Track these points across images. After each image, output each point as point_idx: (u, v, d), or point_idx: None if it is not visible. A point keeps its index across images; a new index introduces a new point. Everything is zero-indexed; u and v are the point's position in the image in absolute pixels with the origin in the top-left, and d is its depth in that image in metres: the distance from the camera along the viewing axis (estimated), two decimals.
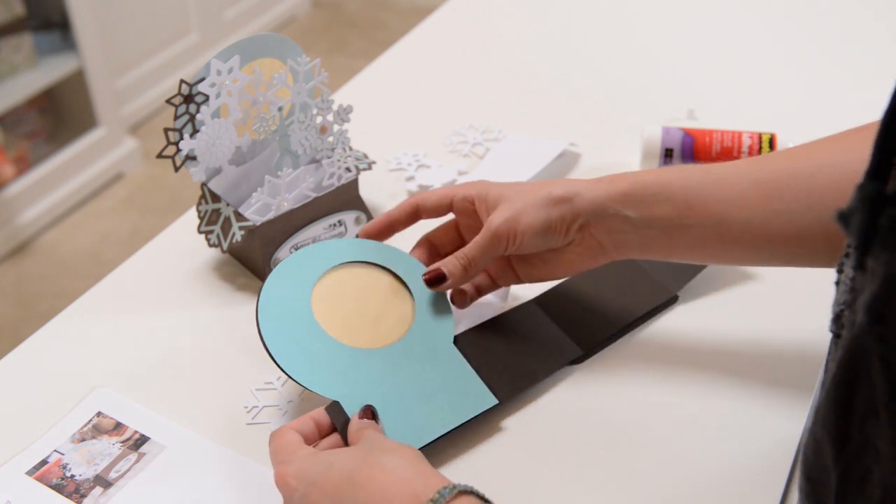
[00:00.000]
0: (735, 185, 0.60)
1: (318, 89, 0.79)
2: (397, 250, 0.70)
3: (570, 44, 1.18)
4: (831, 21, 1.21)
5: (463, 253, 0.66)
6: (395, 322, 0.66)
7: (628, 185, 0.62)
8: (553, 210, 0.64)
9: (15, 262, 2.09)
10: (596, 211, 0.63)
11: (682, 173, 0.62)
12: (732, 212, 0.60)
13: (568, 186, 0.64)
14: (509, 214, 0.64)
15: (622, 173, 0.64)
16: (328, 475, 0.52)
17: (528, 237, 0.64)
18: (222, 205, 0.76)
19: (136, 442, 0.64)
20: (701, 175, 0.61)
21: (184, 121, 0.73)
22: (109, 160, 2.30)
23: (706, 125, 0.93)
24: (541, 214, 0.64)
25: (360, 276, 0.68)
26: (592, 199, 0.63)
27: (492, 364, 0.66)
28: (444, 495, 0.48)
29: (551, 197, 0.64)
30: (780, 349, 0.71)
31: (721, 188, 0.60)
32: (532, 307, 0.72)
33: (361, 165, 0.81)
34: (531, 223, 0.64)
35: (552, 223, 0.64)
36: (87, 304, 0.78)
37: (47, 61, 2.15)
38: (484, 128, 1.00)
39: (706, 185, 0.61)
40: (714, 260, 0.64)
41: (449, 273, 0.66)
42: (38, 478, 0.62)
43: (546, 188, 0.65)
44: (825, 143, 0.61)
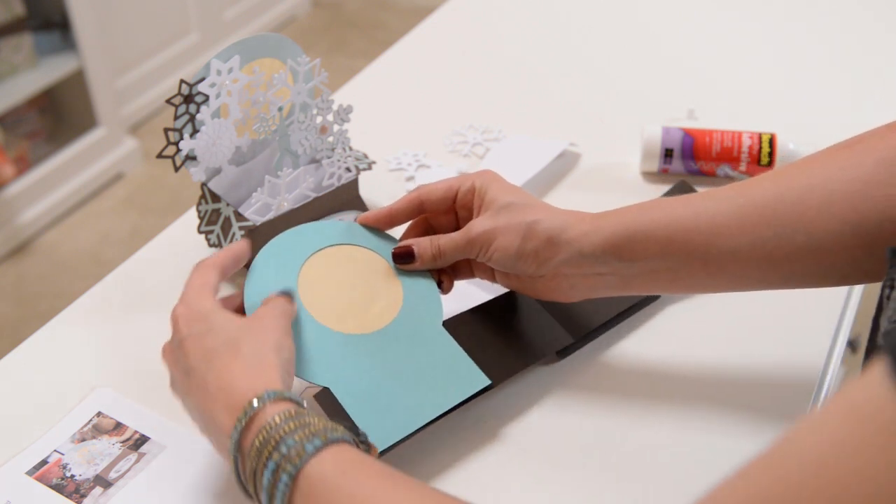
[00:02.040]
0: (718, 214, 0.59)
1: (318, 89, 0.79)
2: (386, 234, 0.69)
3: (570, 44, 1.18)
4: (831, 21, 1.22)
5: (437, 242, 0.66)
6: (383, 306, 0.65)
7: (609, 234, 0.61)
8: (529, 243, 0.62)
9: (15, 262, 2.09)
10: (573, 256, 0.62)
11: (665, 209, 0.61)
12: (717, 242, 0.59)
13: (555, 225, 0.62)
14: (489, 227, 0.63)
15: (608, 213, 0.63)
16: (202, 337, 0.55)
17: (498, 256, 0.64)
18: (222, 205, 0.76)
19: (136, 442, 0.64)
20: (682, 209, 0.60)
21: (184, 121, 0.73)
22: (109, 160, 2.30)
23: (706, 125, 0.93)
24: (515, 242, 0.63)
25: (348, 259, 0.67)
26: (573, 246, 0.62)
27: (483, 347, 0.65)
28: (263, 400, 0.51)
29: (534, 230, 0.62)
30: (776, 360, 0.71)
31: (704, 220, 0.59)
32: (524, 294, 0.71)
33: (361, 165, 0.81)
34: (504, 246, 0.63)
35: (525, 254, 0.63)
36: (87, 304, 0.78)
37: (47, 61, 2.15)
38: (484, 128, 1.00)
39: (687, 219, 0.60)
40: (702, 290, 0.64)
41: (418, 255, 0.66)
42: (38, 478, 0.62)
43: (535, 215, 0.63)
44: (810, 162, 0.60)
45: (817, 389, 0.68)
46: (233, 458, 0.51)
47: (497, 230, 0.63)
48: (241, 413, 0.51)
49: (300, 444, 0.49)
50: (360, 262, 0.67)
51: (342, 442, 0.50)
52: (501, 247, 0.63)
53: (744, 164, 0.88)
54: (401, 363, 0.62)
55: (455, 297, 0.73)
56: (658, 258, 0.60)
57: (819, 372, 0.69)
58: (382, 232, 0.69)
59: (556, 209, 0.64)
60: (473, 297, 0.75)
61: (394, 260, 0.67)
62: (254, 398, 0.51)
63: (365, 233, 0.69)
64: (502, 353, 0.66)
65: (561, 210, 0.64)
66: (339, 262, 0.66)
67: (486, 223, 0.64)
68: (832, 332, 0.72)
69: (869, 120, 0.98)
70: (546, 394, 0.68)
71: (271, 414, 0.50)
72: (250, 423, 0.51)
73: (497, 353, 0.66)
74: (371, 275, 0.67)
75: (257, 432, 0.50)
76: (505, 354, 0.66)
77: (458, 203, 0.68)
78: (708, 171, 0.89)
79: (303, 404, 0.52)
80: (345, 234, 0.68)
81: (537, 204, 0.65)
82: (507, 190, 0.66)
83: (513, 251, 0.63)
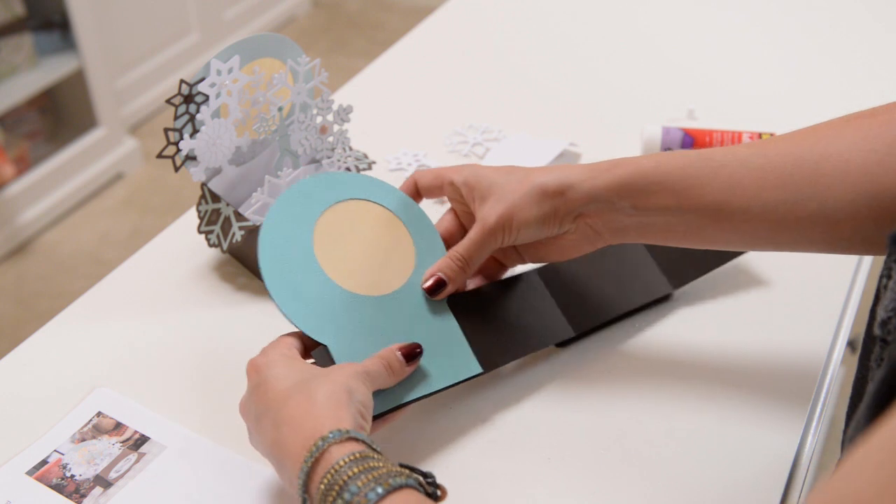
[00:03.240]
0: (735, 172, 0.59)
1: (318, 89, 0.79)
2: (406, 197, 0.68)
3: (570, 44, 1.18)
4: (831, 21, 1.21)
5: (458, 254, 0.65)
6: (395, 270, 0.64)
7: (625, 175, 0.61)
8: (546, 203, 0.62)
9: (15, 262, 2.09)
10: (591, 202, 0.62)
11: (681, 161, 0.61)
12: (731, 200, 0.59)
13: (561, 177, 0.62)
14: (502, 209, 0.63)
15: (618, 160, 0.63)
16: (273, 383, 0.55)
17: (523, 232, 0.63)
18: (222, 205, 0.76)
19: (136, 442, 0.64)
20: (700, 162, 0.60)
21: (184, 121, 0.73)
22: (109, 160, 2.30)
23: (706, 125, 0.93)
24: (534, 209, 0.63)
25: (367, 215, 0.66)
26: (587, 192, 0.62)
27: (484, 331, 0.65)
28: (327, 440, 0.50)
29: (544, 190, 0.62)
30: (775, 360, 0.71)
31: (721, 176, 0.59)
32: (534, 278, 0.70)
33: (361, 165, 0.81)
34: (525, 218, 0.63)
35: (546, 217, 0.63)
36: (87, 304, 0.78)
37: (47, 61, 2.15)
38: (484, 128, 1.00)
39: (705, 173, 0.60)
40: (711, 244, 0.64)
41: (448, 278, 0.65)
42: (39, 478, 0.62)
43: (538, 178, 0.63)
44: (830, 128, 0.59)
45: (817, 389, 0.68)
46: (301, 500, 0.51)
47: (511, 208, 0.63)
48: (308, 453, 0.50)
49: (363, 491, 0.48)
50: (378, 222, 0.66)
51: (407, 488, 0.49)
52: (523, 220, 0.63)
53: None
54: (401, 333, 0.61)
55: None
56: (672, 210, 0.60)
57: (819, 372, 0.69)
58: (405, 195, 0.68)
59: (552, 166, 0.64)
60: None
61: (428, 294, 0.65)
62: (319, 438, 0.50)
63: (388, 192, 0.68)
64: (501, 340, 0.65)
65: (559, 165, 0.64)
66: (358, 217, 0.65)
67: (496, 207, 0.63)
68: (832, 332, 0.72)
69: None
70: (545, 384, 0.67)
71: (337, 456, 0.50)
72: (316, 464, 0.50)
73: (496, 339, 0.65)
74: (387, 236, 0.66)
75: (323, 475, 0.49)
76: (504, 341, 0.66)
77: (448, 196, 0.68)
78: None
79: (373, 445, 0.52)
80: (368, 189, 0.67)
81: (532, 169, 0.65)
82: (496, 172, 0.65)
83: (533, 220, 0.63)
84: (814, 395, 0.67)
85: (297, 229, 0.63)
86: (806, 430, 0.65)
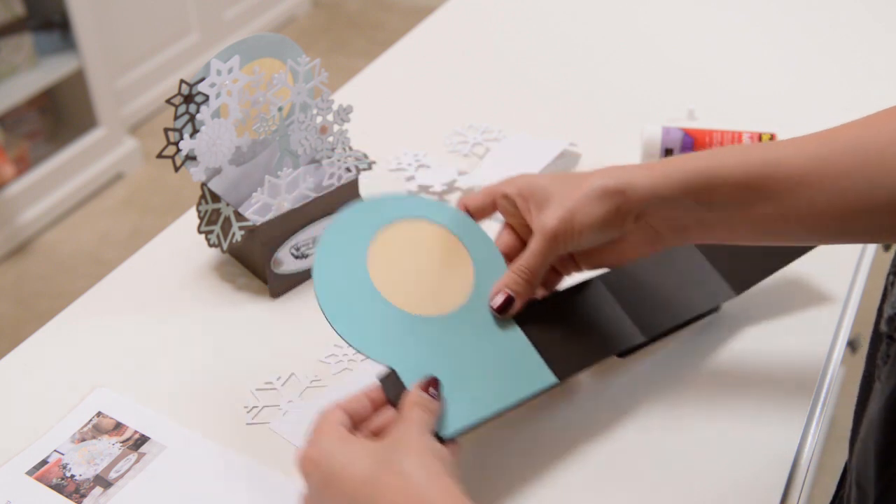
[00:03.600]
0: (799, 164, 0.57)
1: (318, 89, 0.79)
2: (459, 212, 0.67)
3: (570, 44, 1.18)
4: (831, 21, 1.21)
5: (522, 266, 0.62)
6: (454, 289, 0.62)
7: (687, 171, 0.59)
8: (606, 204, 0.60)
9: (15, 262, 2.09)
10: (652, 200, 0.60)
11: (742, 156, 0.59)
12: (797, 191, 0.57)
13: (620, 177, 0.60)
14: (562, 214, 0.60)
15: (674, 159, 0.61)
16: (346, 472, 0.51)
17: (585, 236, 0.61)
18: (222, 205, 0.76)
19: (136, 442, 0.64)
20: (762, 155, 0.59)
21: (184, 121, 0.73)
22: (109, 160, 2.30)
23: (706, 125, 0.93)
24: (595, 211, 0.60)
25: (421, 235, 0.64)
26: (648, 191, 0.60)
27: (552, 341, 0.62)
28: None
29: (604, 190, 0.60)
30: (775, 359, 0.71)
31: (784, 168, 0.58)
32: (598, 285, 0.68)
33: (361, 165, 0.81)
34: (586, 222, 0.61)
35: (608, 218, 0.61)
36: (87, 304, 0.78)
37: (47, 61, 2.15)
38: (484, 128, 1.00)
39: (768, 166, 0.58)
40: (777, 240, 0.62)
41: (516, 294, 0.62)
42: (39, 478, 0.62)
43: (596, 180, 0.61)
44: (890, 116, 0.58)
45: (817, 389, 0.68)
46: None
47: (571, 213, 0.61)
48: None
49: None
50: (433, 239, 0.64)
51: None
52: (585, 223, 0.61)
53: None
54: (468, 351, 0.60)
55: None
56: (736, 204, 0.59)
57: (819, 372, 0.69)
58: (458, 210, 0.67)
59: (609, 167, 0.62)
60: None
61: (497, 313, 0.62)
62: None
63: (439, 209, 0.66)
64: (572, 348, 0.63)
65: (615, 165, 0.62)
66: (412, 237, 0.64)
67: (556, 213, 0.61)
68: (832, 333, 0.72)
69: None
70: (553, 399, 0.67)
71: None
72: None
73: (567, 348, 0.63)
74: (444, 253, 0.64)
75: None
76: (575, 349, 0.63)
77: (501, 210, 0.66)
78: None
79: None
80: (419, 208, 0.65)
81: (587, 173, 0.62)
82: (551, 179, 0.63)
83: (595, 223, 0.61)
84: (814, 395, 0.67)
85: (351, 256, 0.61)
86: (806, 430, 0.65)
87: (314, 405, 0.67)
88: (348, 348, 0.71)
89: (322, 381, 0.69)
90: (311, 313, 0.76)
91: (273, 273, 0.77)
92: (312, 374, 0.70)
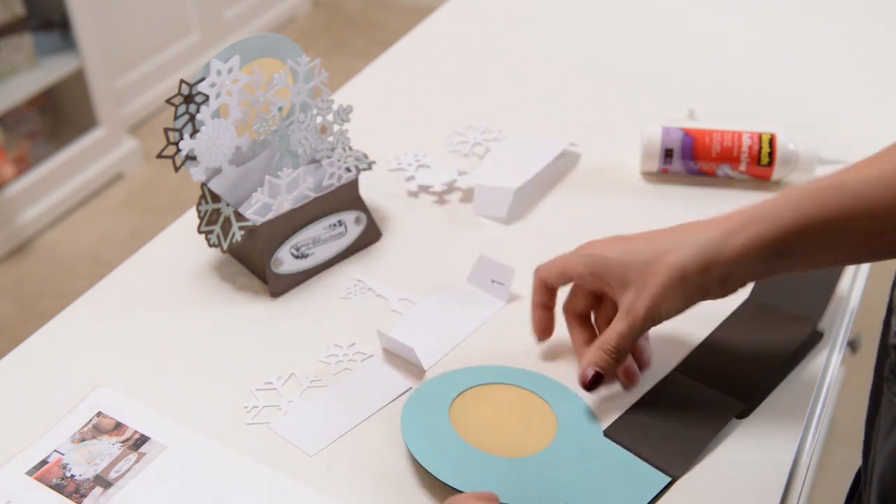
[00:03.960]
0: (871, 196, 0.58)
1: (318, 89, 0.79)
2: (534, 373, 0.68)
3: (570, 44, 1.18)
4: (832, 21, 1.21)
5: (610, 346, 0.63)
6: (540, 430, 0.63)
7: (765, 233, 0.59)
8: (692, 283, 0.61)
9: (15, 262, 2.09)
10: (737, 268, 0.61)
11: (815, 200, 0.59)
12: (875, 219, 0.58)
13: (698, 253, 0.60)
14: (649, 302, 0.61)
15: (745, 213, 0.61)
16: None
17: (673, 315, 0.63)
18: (222, 205, 0.76)
19: (137, 442, 0.64)
20: (837, 194, 0.59)
21: (184, 121, 0.73)
22: (109, 160, 2.30)
23: (706, 125, 0.93)
24: (680, 295, 0.61)
25: (495, 393, 0.66)
26: (732, 259, 0.60)
27: (652, 443, 0.62)
28: None
29: (686, 273, 0.61)
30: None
31: (860, 204, 0.58)
32: (676, 377, 0.68)
33: (361, 165, 0.81)
34: (674, 306, 0.62)
35: (693, 299, 0.62)
36: (87, 304, 0.78)
37: (47, 61, 2.15)
38: (484, 128, 1.00)
39: (846, 207, 0.58)
40: (862, 260, 0.63)
41: (604, 370, 0.64)
42: (39, 478, 0.62)
43: (674, 259, 0.61)
44: None
45: (817, 389, 0.68)
46: None
47: (657, 298, 0.61)
48: None
49: None
50: (507, 394, 0.66)
51: None
52: (672, 309, 0.62)
53: (744, 164, 0.88)
54: (571, 480, 0.60)
55: (458, 321, 0.72)
56: (820, 250, 0.60)
57: (819, 372, 0.69)
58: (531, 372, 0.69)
59: (681, 233, 0.62)
60: (482, 311, 0.75)
61: (586, 389, 0.64)
62: None
63: (501, 371, 0.68)
64: (675, 442, 0.63)
65: (684, 230, 0.62)
66: (488, 396, 0.66)
67: (641, 298, 0.62)
68: (832, 333, 0.72)
69: (869, 120, 0.99)
70: None
71: None
72: None
73: (670, 444, 0.62)
74: (521, 403, 0.66)
75: None
76: (679, 442, 0.63)
77: (576, 284, 0.68)
78: (708, 171, 0.89)
79: None
80: (493, 375, 0.68)
81: (658, 243, 0.63)
82: (617, 252, 0.64)
83: (683, 304, 0.62)
84: (814, 396, 0.67)
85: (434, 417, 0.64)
86: (806, 430, 0.65)
87: (314, 405, 0.67)
88: (349, 348, 0.72)
89: (322, 381, 0.69)
90: (311, 313, 0.76)
91: (273, 273, 0.77)
92: (312, 374, 0.70)
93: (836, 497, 0.78)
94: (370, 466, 0.62)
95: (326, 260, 0.80)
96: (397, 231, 0.84)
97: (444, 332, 0.73)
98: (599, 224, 0.84)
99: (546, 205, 0.88)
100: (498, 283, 0.75)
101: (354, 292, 0.77)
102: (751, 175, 0.89)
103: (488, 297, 0.76)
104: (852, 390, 1.57)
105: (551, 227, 0.85)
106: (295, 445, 0.64)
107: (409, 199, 0.89)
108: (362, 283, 0.78)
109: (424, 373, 0.69)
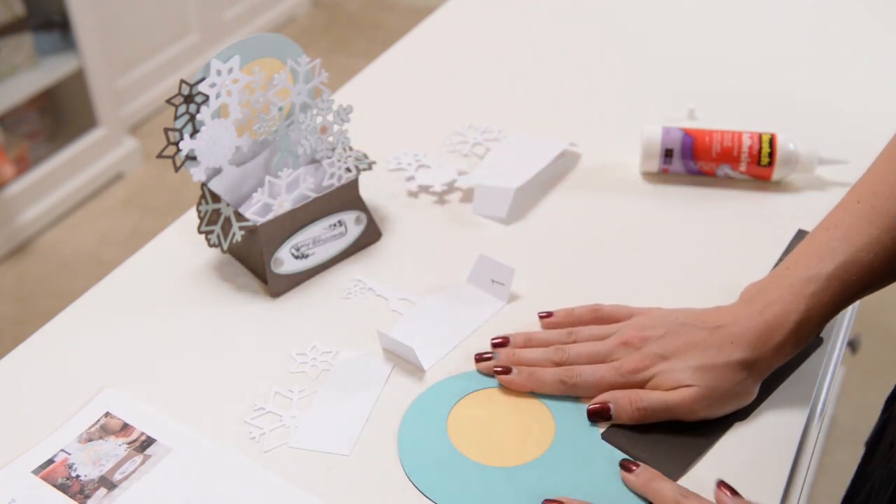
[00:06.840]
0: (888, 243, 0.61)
1: (318, 89, 0.79)
2: None
3: (570, 44, 1.18)
4: (832, 21, 1.22)
5: (643, 407, 0.63)
6: (537, 436, 0.63)
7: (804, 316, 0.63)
8: (737, 377, 0.63)
9: (15, 262, 2.09)
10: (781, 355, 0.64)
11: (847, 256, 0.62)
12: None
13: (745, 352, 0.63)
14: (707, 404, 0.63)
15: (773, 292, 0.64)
16: None
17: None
18: (222, 205, 0.76)
19: (143, 444, 0.64)
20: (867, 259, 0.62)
21: (184, 121, 0.73)
22: (109, 160, 2.31)
23: (706, 125, 0.93)
24: (730, 398, 0.63)
25: (494, 398, 0.66)
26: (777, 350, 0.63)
27: (650, 447, 0.62)
28: None
29: (742, 365, 0.63)
30: None
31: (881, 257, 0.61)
32: None
33: (361, 165, 0.81)
34: (721, 409, 0.63)
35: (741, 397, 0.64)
36: (87, 305, 0.78)
37: (47, 61, 2.15)
38: (484, 128, 1.00)
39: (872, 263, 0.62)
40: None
41: (616, 416, 0.63)
42: (44, 477, 0.62)
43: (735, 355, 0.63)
44: None
45: (817, 389, 0.68)
46: None
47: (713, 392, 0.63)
48: None
49: None
50: (505, 398, 0.66)
51: None
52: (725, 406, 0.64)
53: (744, 164, 0.88)
54: (571, 483, 0.60)
55: (454, 323, 0.72)
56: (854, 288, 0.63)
57: (819, 372, 0.69)
58: None
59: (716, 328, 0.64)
60: (483, 308, 0.75)
61: (588, 417, 0.64)
62: None
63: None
64: (675, 444, 0.63)
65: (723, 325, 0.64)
66: (487, 401, 0.66)
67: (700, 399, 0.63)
68: (832, 333, 0.72)
69: (869, 120, 0.99)
70: None
71: None
72: None
73: (669, 446, 0.63)
74: (519, 407, 0.66)
75: None
76: (678, 444, 0.63)
77: None
78: (708, 171, 0.89)
79: None
80: (486, 378, 0.68)
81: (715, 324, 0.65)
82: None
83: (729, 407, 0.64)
84: (814, 396, 0.67)
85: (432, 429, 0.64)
86: (806, 430, 0.65)
87: (315, 406, 0.67)
88: (322, 354, 0.72)
89: (322, 381, 0.69)
90: (311, 313, 0.76)
91: (273, 273, 0.77)
92: (312, 373, 0.70)
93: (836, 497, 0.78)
94: (370, 466, 0.62)
95: (326, 260, 0.80)
96: (397, 231, 0.85)
97: (444, 332, 0.73)
98: (599, 224, 0.84)
99: (546, 205, 0.88)
100: (498, 283, 0.76)
101: (354, 292, 0.77)
102: (751, 175, 0.89)
103: (488, 297, 0.76)
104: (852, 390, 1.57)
105: (551, 227, 0.85)
106: (296, 448, 0.64)
107: (409, 199, 0.89)
108: (362, 283, 0.78)
109: (424, 372, 0.69)
